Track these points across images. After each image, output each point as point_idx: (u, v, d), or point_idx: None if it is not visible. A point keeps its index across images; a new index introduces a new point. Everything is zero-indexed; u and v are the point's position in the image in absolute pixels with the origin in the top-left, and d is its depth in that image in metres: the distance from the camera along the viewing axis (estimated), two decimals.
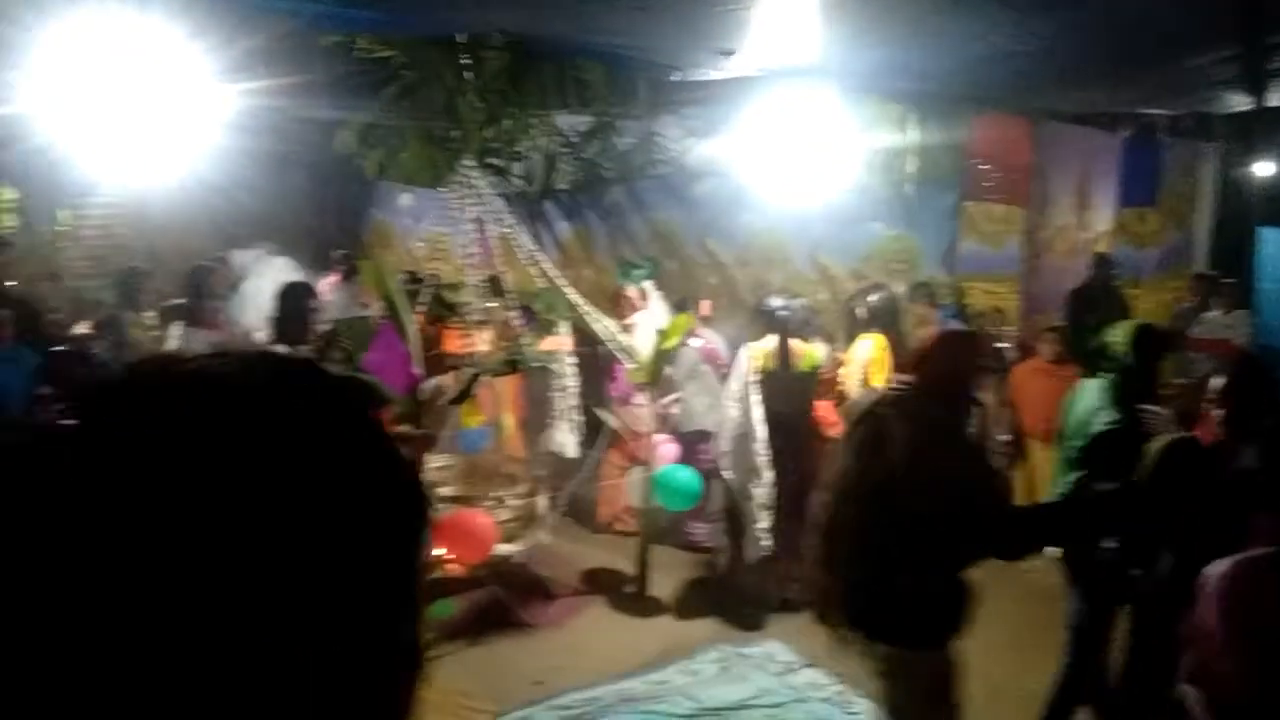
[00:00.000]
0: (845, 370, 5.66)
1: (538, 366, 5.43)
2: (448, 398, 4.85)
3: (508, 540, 5.09)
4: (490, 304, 5.52)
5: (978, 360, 3.10)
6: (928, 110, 6.53)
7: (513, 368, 5.35)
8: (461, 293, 5.49)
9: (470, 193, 5.37)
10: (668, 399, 5.74)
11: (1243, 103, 6.56)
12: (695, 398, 5.87)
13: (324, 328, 4.34)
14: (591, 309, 5.46)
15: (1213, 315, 7.04)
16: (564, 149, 7.25)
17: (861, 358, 5.68)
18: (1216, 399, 3.34)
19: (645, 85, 6.69)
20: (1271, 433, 2.78)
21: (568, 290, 5.36)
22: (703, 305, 6.28)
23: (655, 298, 6.28)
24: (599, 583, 5.60)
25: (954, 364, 2.98)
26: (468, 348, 5.31)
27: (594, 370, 6.04)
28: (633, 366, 5.38)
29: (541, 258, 5.41)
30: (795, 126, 6.16)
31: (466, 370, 4.99)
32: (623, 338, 5.56)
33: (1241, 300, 6.99)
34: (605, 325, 5.52)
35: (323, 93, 6.17)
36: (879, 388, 5.69)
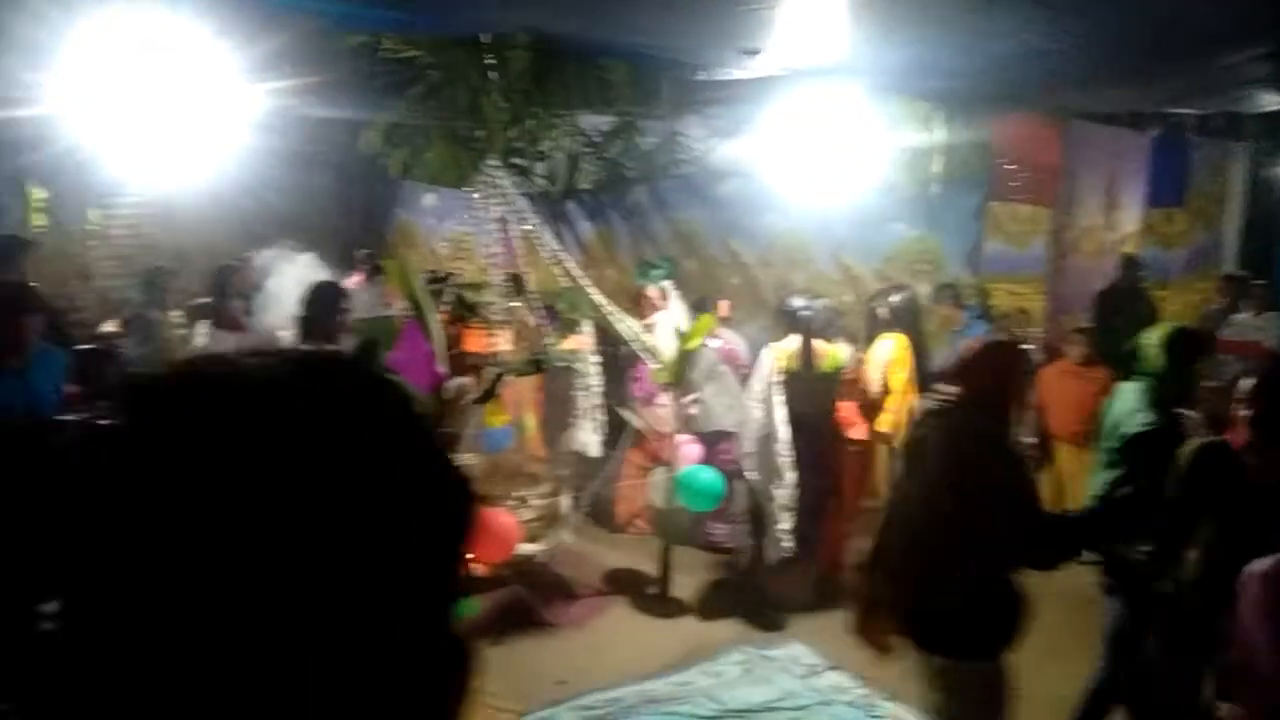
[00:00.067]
0: (865, 370, 5.64)
1: (561, 366, 5.43)
2: (472, 397, 4.86)
3: (530, 540, 5.09)
4: (513, 303, 5.53)
5: (1023, 369, 3.08)
6: (954, 109, 6.48)
7: (537, 367, 5.36)
8: (483, 292, 5.50)
9: (495, 192, 5.38)
10: (687, 399, 5.73)
11: (1273, 102, 6.49)
12: (714, 398, 5.86)
13: (351, 327, 4.35)
14: (615, 309, 5.46)
15: (1242, 317, 6.96)
16: (587, 149, 7.25)
17: (882, 358, 5.66)
18: (1246, 402, 3.30)
19: (668, 84, 6.68)
20: None
21: (591, 290, 5.35)
22: (721, 305, 6.26)
23: (674, 298, 6.27)
24: (621, 583, 5.59)
25: (999, 373, 2.97)
26: (490, 347, 5.31)
27: (614, 370, 6.04)
28: (656, 367, 5.37)
29: (565, 257, 5.41)
30: (819, 126, 6.14)
31: (491, 369, 5.00)
32: (646, 338, 5.55)
33: (1271, 302, 6.90)
34: (629, 325, 5.51)
35: (348, 92, 6.21)
36: (900, 389, 5.69)
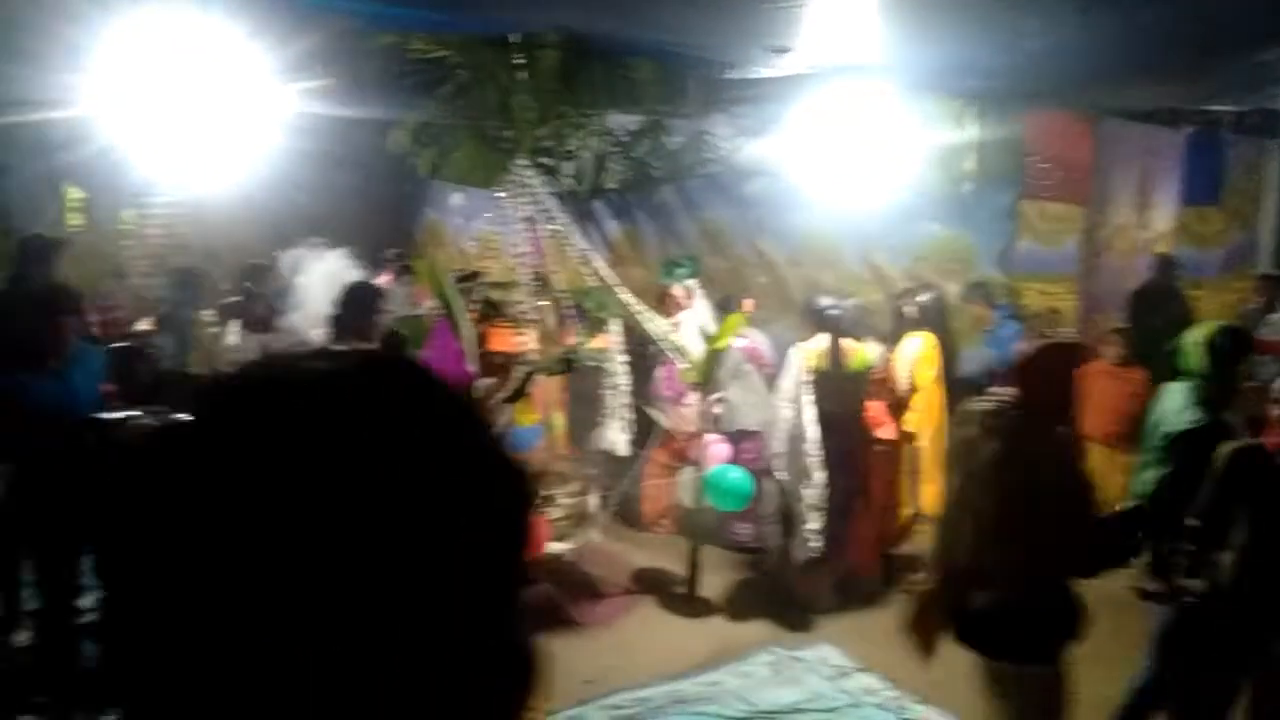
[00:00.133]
0: (893, 369, 5.61)
1: (590, 365, 5.43)
2: (502, 396, 4.88)
3: (559, 539, 5.10)
4: (541, 302, 5.53)
5: (1078, 371, 3.07)
6: (986, 107, 6.42)
7: (567, 366, 5.36)
8: (510, 291, 5.52)
9: (523, 192, 5.39)
10: (712, 398, 5.72)
11: None
12: (739, 397, 5.84)
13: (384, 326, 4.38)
14: (643, 308, 5.45)
15: (1278, 317, 6.84)
16: (614, 148, 7.24)
17: (909, 356, 5.63)
18: None
19: (695, 83, 6.65)
20: None
21: (619, 289, 5.35)
22: (745, 304, 6.23)
23: (699, 297, 6.25)
24: (649, 582, 5.59)
25: (1059, 376, 2.95)
26: (516, 346, 5.33)
27: (641, 369, 6.03)
28: (685, 366, 5.37)
29: (594, 256, 5.41)
30: (849, 124, 6.11)
31: (520, 368, 5.01)
32: (674, 337, 5.54)
33: None
34: (657, 324, 5.50)
35: (377, 92, 6.24)
36: (928, 388, 5.65)
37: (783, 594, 5.28)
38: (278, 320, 5.93)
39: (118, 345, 4.84)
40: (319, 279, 5.55)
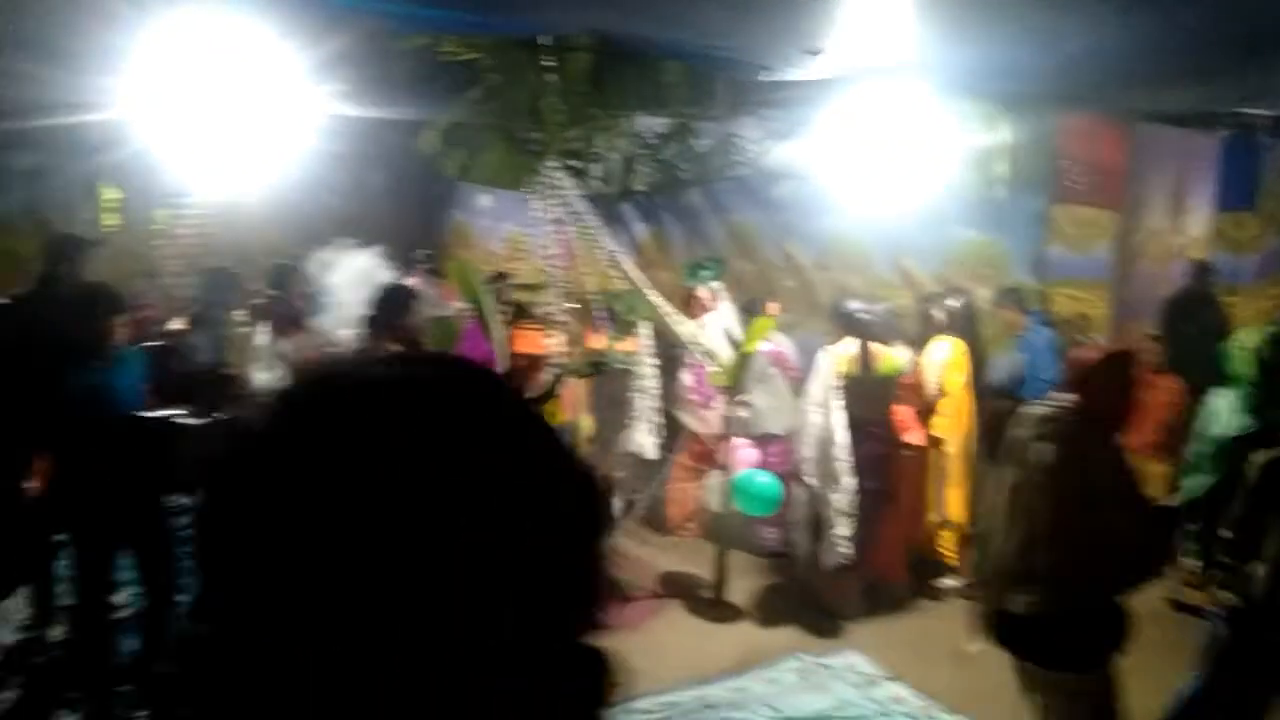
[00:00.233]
0: (921, 374, 5.58)
1: (620, 368, 5.42)
2: (530, 397, 4.87)
3: None
4: (568, 304, 5.53)
5: (1141, 382, 3.03)
6: (1019, 110, 6.35)
7: (596, 369, 5.35)
8: (538, 293, 5.52)
9: (553, 194, 5.39)
10: (736, 401, 5.69)
11: None
12: (763, 400, 5.81)
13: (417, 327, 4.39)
14: (672, 310, 5.44)
15: None
16: (642, 150, 7.23)
17: (937, 360, 5.60)
18: None
19: (725, 86, 6.63)
20: None
21: (649, 292, 5.34)
22: (770, 308, 6.19)
23: (723, 299, 6.22)
24: (675, 586, 5.57)
25: (1118, 385, 2.92)
26: (544, 348, 5.33)
27: (668, 372, 6.02)
28: (715, 370, 5.35)
29: (623, 259, 5.40)
30: (880, 127, 6.05)
31: (550, 370, 5.00)
32: (703, 340, 5.53)
33: None
34: (686, 327, 5.49)
35: (407, 94, 6.26)
36: (958, 394, 5.61)
37: (811, 600, 5.25)
38: (307, 320, 5.97)
39: (150, 344, 4.87)
40: (349, 279, 5.58)
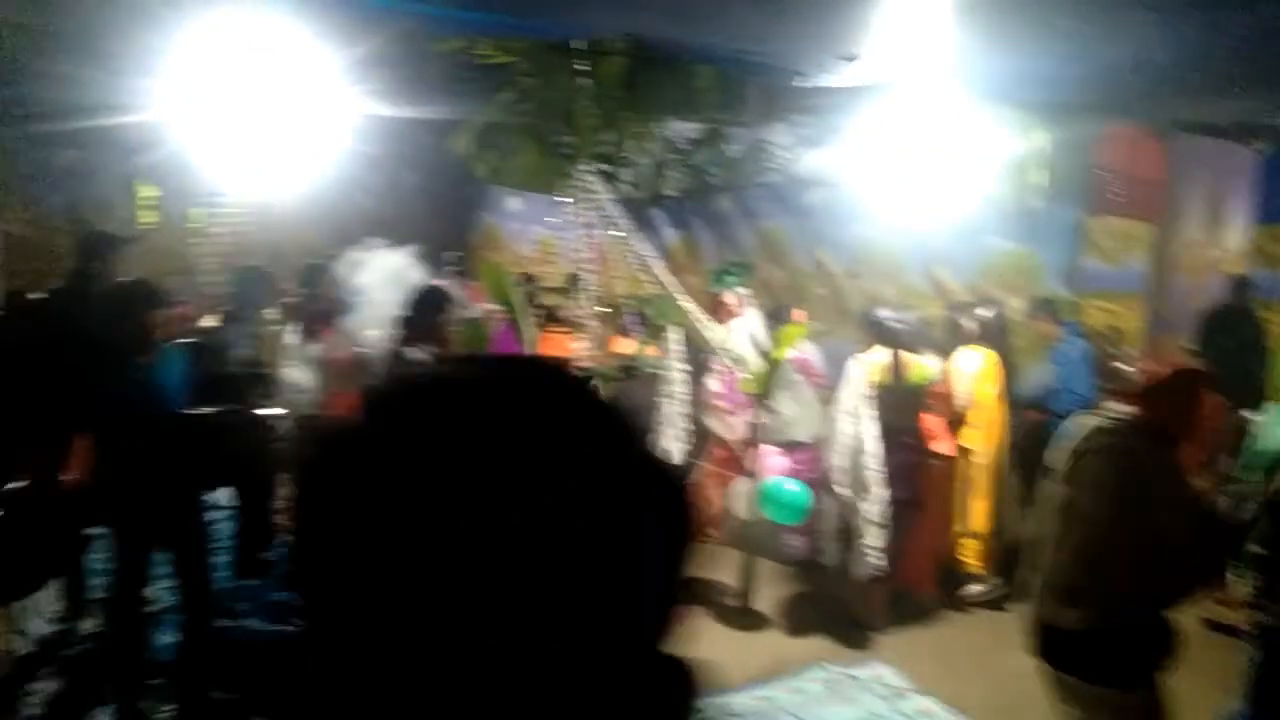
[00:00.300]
0: (952, 383, 5.54)
1: (649, 373, 5.40)
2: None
3: None
4: (598, 308, 5.52)
5: (1207, 401, 2.95)
6: (1056, 120, 6.29)
7: (626, 374, 5.35)
8: (567, 297, 5.52)
9: (585, 197, 5.39)
10: (761, 408, 5.66)
11: None
12: (790, 408, 5.77)
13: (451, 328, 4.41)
14: (703, 316, 5.42)
15: None
16: (674, 155, 7.23)
17: (968, 370, 5.55)
18: None
19: (757, 91, 6.61)
20: None
21: (680, 297, 5.33)
22: (796, 315, 6.16)
23: (750, 305, 6.19)
24: (701, 593, 5.54)
25: (1183, 401, 2.85)
26: (573, 352, 5.33)
27: (695, 377, 5.99)
28: (745, 376, 5.33)
29: (654, 263, 5.39)
30: (914, 135, 6.02)
31: (581, 375, 5.00)
32: (733, 346, 5.51)
33: None
34: (716, 333, 5.47)
35: (440, 96, 6.28)
36: (990, 405, 5.56)
37: (838, 610, 5.21)
38: (338, 320, 6.00)
39: (185, 341, 4.92)
40: (381, 279, 5.61)
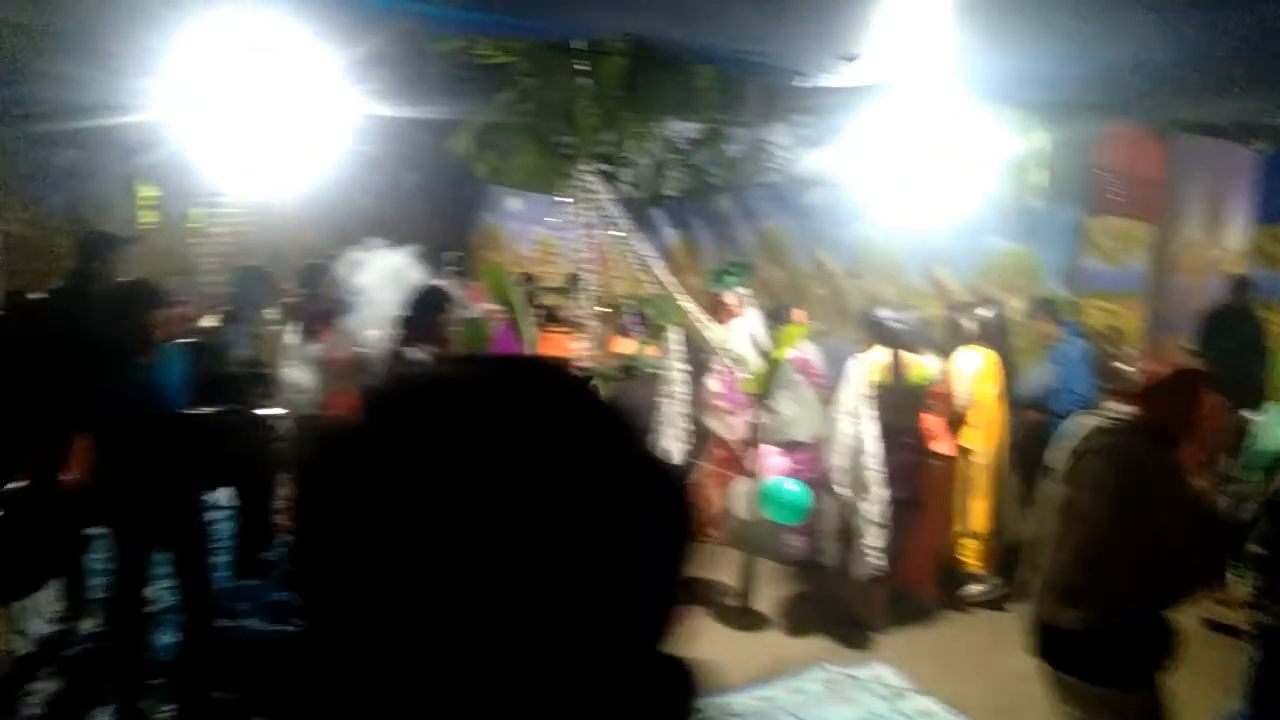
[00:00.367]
0: (951, 383, 5.54)
1: (649, 373, 5.40)
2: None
3: None
4: (597, 308, 5.52)
5: (1207, 402, 2.93)
6: (1056, 119, 6.29)
7: (626, 374, 5.34)
8: (566, 297, 5.51)
9: (585, 197, 5.39)
10: (760, 407, 5.65)
11: None
12: (789, 408, 5.77)
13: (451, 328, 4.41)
14: (703, 316, 5.42)
15: None
16: (673, 155, 7.23)
17: (968, 370, 5.55)
18: None
19: (757, 91, 6.60)
20: None
21: (680, 297, 5.33)
22: (796, 315, 6.15)
23: (750, 305, 6.18)
24: (701, 593, 5.54)
25: (1185, 401, 2.84)
26: (571, 352, 5.32)
27: (694, 377, 5.98)
28: (746, 376, 5.32)
29: (655, 263, 5.39)
30: (915, 135, 6.02)
31: (581, 374, 5.00)
32: (733, 346, 5.51)
33: None
34: (716, 333, 5.47)
35: (440, 96, 6.28)
36: (990, 405, 5.55)
37: (838, 610, 5.21)
38: (338, 320, 5.99)
39: (185, 341, 4.91)
40: (381, 279, 5.60)
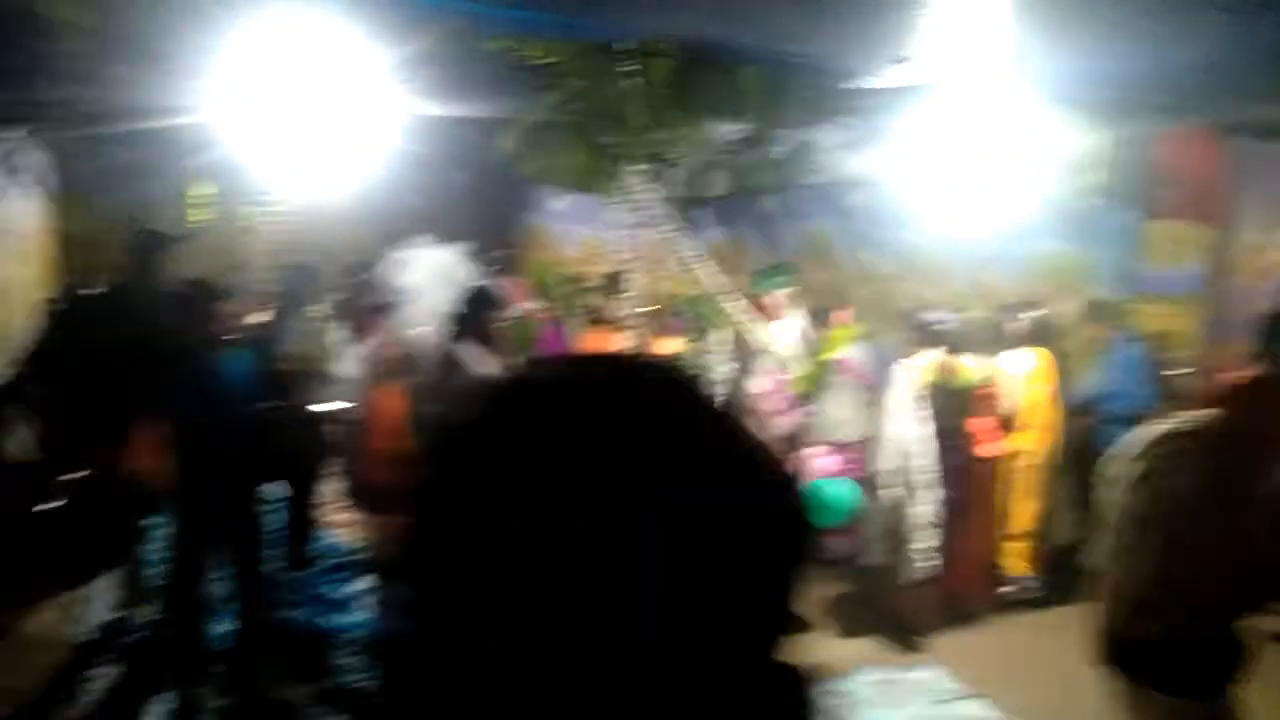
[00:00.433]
0: (1001, 385, 5.48)
1: (696, 373, 5.39)
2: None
3: None
4: (642, 308, 5.52)
5: None
6: (1114, 120, 6.18)
7: None
8: (611, 296, 5.51)
9: (634, 198, 5.39)
10: (805, 408, 5.61)
11: None
12: (834, 408, 5.72)
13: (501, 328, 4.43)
14: (749, 316, 5.40)
15: None
16: (719, 155, 7.20)
17: (1017, 372, 5.50)
18: None
19: (804, 92, 6.56)
20: None
21: (726, 297, 5.31)
22: (839, 316, 6.09)
23: (793, 306, 6.14)
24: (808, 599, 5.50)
25: (1268, 407, 2.72)
26: (614, 349, 5.33)
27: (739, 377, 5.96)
28: (792, 376, 5.30)
29: (701, 263, 5.38)
30: (965, 136, 5.95)
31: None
32: (780, 347, 5.48)
33: None
34: (761, 333, 5.45)
35: (487, 94, 6.31)
36: (1042, 406, 5.48)
37: (888, 612, 5.16)
38: (385, 317, 6.05)
39: (243, 338, 4.98)
40: (429, 277, 5.65)
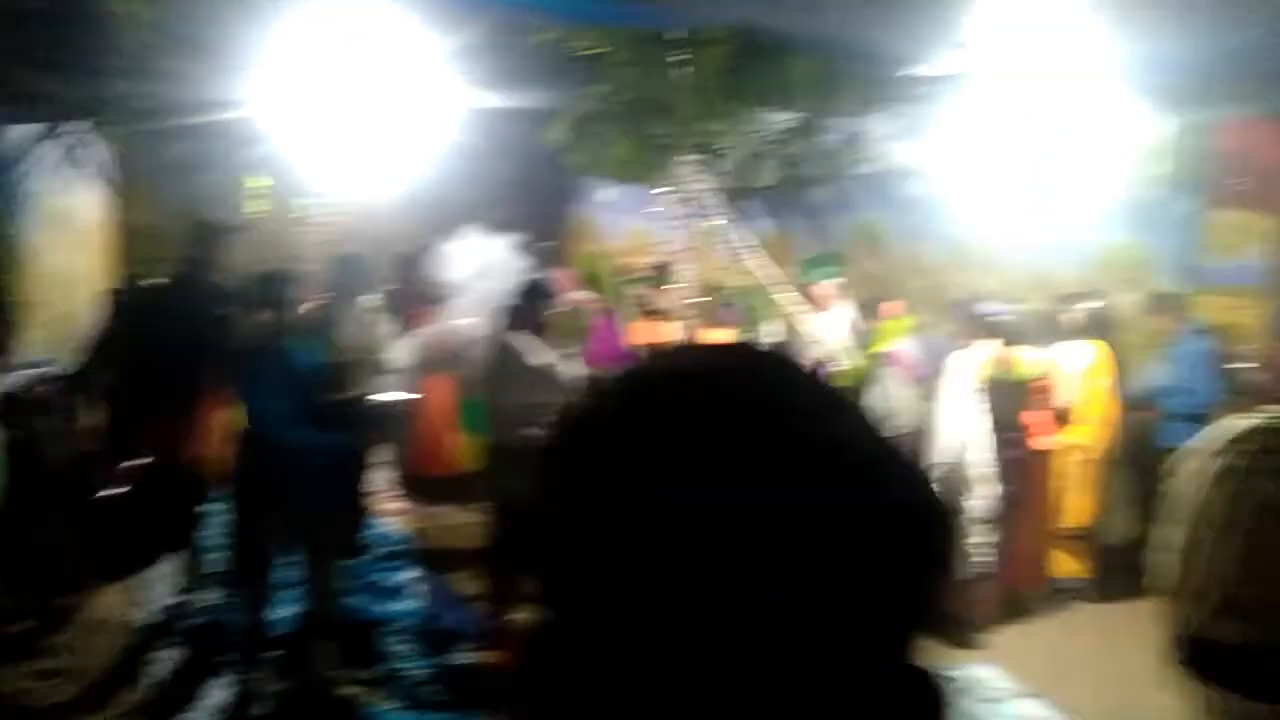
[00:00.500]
0: (1058, 377, 5.39)
1: None
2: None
3: None
4: (692, 298, 5.51)
5: None
6: (1178, 107, 6.02)
7: None
8: (660, 286, 5.51)
9: (682, 188, 5.38)
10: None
11: None
12: (885, 400, 5.66)
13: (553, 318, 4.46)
14: (798, 307, 5.36)
15: None
16: (770, 145, 7.14)
17: (1075, 364, 5.42)
18: None
19: (857, 80, 6.48)
20: None
21: (776, 287, 5.27)
22: (887, 308, 6.01)
23: (842, 297, 6.06)
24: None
25: None
26: (665, 341, 5.32)
27: None
28: (842, 368, 5.26)
29: (752, 254, 5.35)
30: (1021, 124, 5.84)
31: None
32: (831, 338, 5.44)
33: None
34: (810, 324, 5.41)
35: (536, 85, 6.32)
36: (1101, 399, 5.38)
37: (940, 607, 5.10)
38: (436, 307, 6.10)
39: (306, 328, 5.05)
40: (479, 268, 5.69)
